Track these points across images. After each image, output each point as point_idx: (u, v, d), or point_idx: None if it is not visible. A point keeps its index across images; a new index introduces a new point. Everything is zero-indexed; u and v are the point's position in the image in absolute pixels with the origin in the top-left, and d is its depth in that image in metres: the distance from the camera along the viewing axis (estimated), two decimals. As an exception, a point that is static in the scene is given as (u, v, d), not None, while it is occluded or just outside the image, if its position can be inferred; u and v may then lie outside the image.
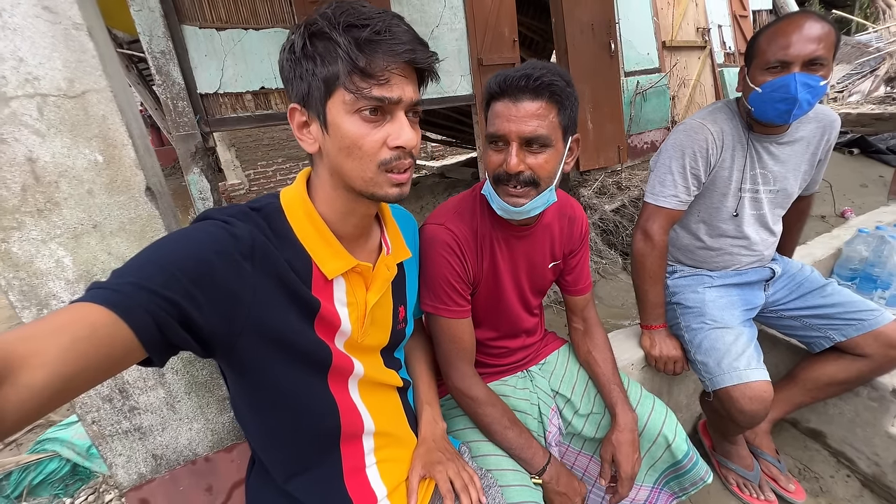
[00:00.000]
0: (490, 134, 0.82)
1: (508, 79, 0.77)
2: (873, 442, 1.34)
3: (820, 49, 1.00)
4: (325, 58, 0.53)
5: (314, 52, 0.53)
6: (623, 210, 3.49)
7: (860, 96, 6.29)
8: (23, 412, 0.36)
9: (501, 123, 0.78)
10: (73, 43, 0.59)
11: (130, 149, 0.65)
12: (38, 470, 1.13)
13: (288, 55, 0.56)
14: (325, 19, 0.53)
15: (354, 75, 0.53)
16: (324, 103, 0.55)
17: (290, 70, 0.56)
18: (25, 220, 0.62)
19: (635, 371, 1.34)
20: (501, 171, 0.81)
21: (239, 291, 0.53)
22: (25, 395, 0.36)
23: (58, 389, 0.38)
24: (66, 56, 0.59)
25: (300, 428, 0.66)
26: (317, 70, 0.53)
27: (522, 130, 0.77)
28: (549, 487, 0.90)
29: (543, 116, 0.77)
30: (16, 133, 0.58)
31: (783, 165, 1.24)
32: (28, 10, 0.56)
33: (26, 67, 0.57)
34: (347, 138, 0.55)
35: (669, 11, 4.18)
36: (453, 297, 0.90)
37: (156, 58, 2.27)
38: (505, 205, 0.84)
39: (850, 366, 1.25)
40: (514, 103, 0.77)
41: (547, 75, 0.75)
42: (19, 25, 0.56)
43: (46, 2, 0.56)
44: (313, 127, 0.58)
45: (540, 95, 0.76)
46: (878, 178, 3.97)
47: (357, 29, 0.52)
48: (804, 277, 1.37)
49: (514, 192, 0.82)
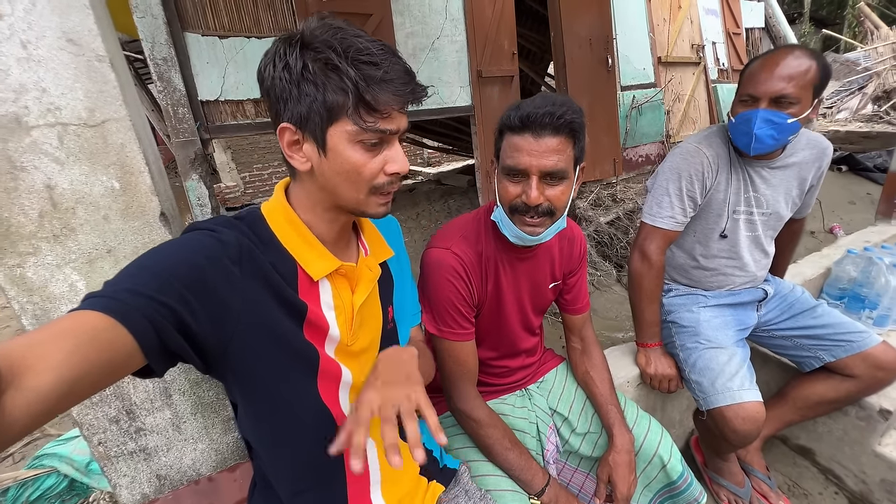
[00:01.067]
0: (509, 167, 0.83)
1: (532, 115, 0.78)
2: (860, 460, 1.37)
3: (788, 87, 1.04)
4: (329, 86, 0.54)
5: (316, 77, 0.54)
6: (618, 222, 3.53)
7: (849, 113, 6.44)
8: (30, 416, 0.37)
9: (522, 157, 0.80)
10: (96, 74, 0.60)
11: (147, 175, 0.66)
12: (35, 485, 1.12)
13: (282, 73, 0.55)
14: (328, 48, 0.53)
15: (362, 109, 0.55)
16: (324, 129, 0.56)
17: (283, 89, 0.55)
18: (41, 246, 0.62)
19: (631, 388, 1.37)
20: (519, 202, 0.83)
21: (229, 296, 0.54)
22: (32, 398, 0.37)
23: (62, 393, 0.39)
24: (88, 87, 0.60)
25: (300, 441, 0.67)
26: (318, 96, 0.54)
27: (544, 165, 0.79)
28: None
29: (562, 151, 0.80)
30: (35, 161, 0.59)
31: (774, 189, 1.28)
32: (53, 42, 0.57)
33: (49, 98, 0.58)
34: (349, 164, 0.57)
35: (665, 28, 4.26)
36: (458, 320, 0.92)
37: (158, 64, 2.27)
38: (521, 233, 0.86)
39: (839, 385, 1.28)
40: (535, 139, 0.79)
41: (568, 113, 0.78)
42: (44, 57, 0.57)
43: (71, 35, 0.57)
44: (306, 147, 0.58)
45: (560, 131, 0.79)
46: (866, 195, 4.06)
47: (367, 66, 0.54)
48: (795, 298, 1.41)
49: (531, 222, 0.84)
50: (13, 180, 0.59)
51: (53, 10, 0.56)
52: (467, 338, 0.93)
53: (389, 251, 0.78)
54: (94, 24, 0.59)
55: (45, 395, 0.37)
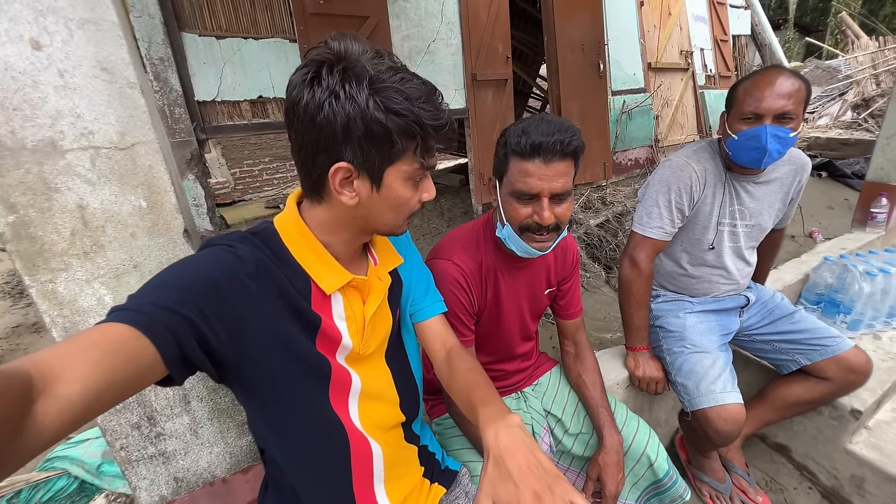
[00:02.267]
0: (519, 191, 0.87)
1: (544, 144, 0.82)
2: (833, 457, 1.46)
3: (790, 104, 1.11)
4: (399, 130, 0.57)
5: (388, 121, 0.55)
6: (607, 225, 3.62)
7: (829, 119, 6.64)
8: (60, 424, 0.39)
9: (535, 182, 0.84)
10: (127, 100, 0.63)
11: (172, 195, 0.70)
12: (46, 487, 1.13)
13: (350, 110, 0.54)
14: (397, 92, 0.55)
15: (427, 153, 0.61)
16: (383, 168, 0.60)
17: (351, 128, 0.55)
18: (72, 262, 0.65)
19: (620, 390, 1.43)
20: (531, 222, 0.89)
21: (245, 310, 0.56)
22: (63, 406, 0.38)
23: (90, 402, 0.40)
24: (120, 112, 0.63)
25: (311, 449, 0.69)
26: (385, 137, 0.57)
27: (554, 188, 0.85)
28: None
29: (569, 173, 0.86)
30: (69, 183, 0.62)
31: (759, 203, 1.35)
32: (88, 70, 0.60)
33: (83, 123, 0.61)
34: (400, 199, 0.63)
35: (655, 34, 4.35)
36: (459, 328, 0.97)
37: (154, 64, 2.26)
38: (531, 249, 0.92)
39: (815, 387, 1.36)
40: (546, 164, 0.83)
41: (575, 139, 0.83)
42: (79, 85, 0.60)
43: (105, 63, 0.60)
44: (358, 183, 0.60)
45: (568, 156, 0.84)
46: (844, 200, 4.22)
47: (431, 113, 0.58)
48: (775, 304, 1.49)
49: (541, 238, 0.90)
50: (47, 201, 0.62)
51: (89, 40, 0.59)
52: (467, 344, 0.99)
53: (399, 258, 0.81)
54: (127, 53, 0.62)
55: (73, 404, 0.39)
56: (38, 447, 0.38)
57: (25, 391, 0.37)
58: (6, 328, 3.07)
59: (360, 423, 0.73)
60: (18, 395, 0.36)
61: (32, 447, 0.38)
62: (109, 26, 0.60)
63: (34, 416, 0.37)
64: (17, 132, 0.57)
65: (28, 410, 0.37)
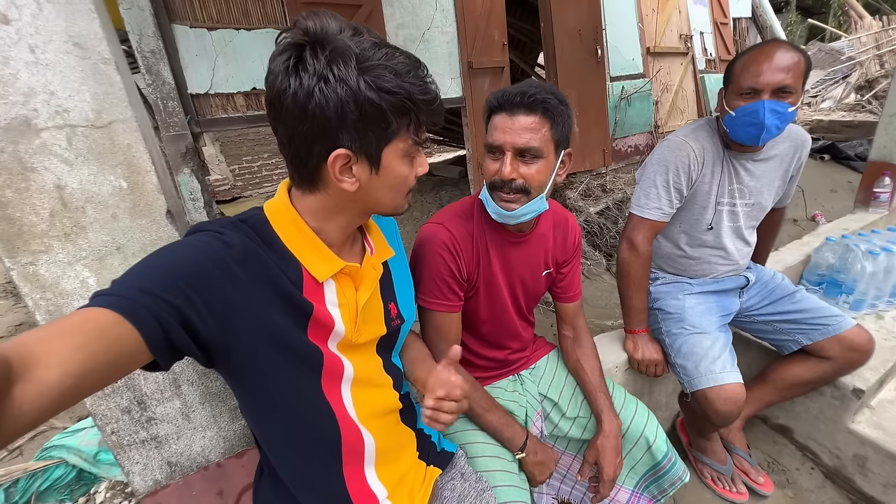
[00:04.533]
0: (488, 144, 0.89)
1: (507, 95, 0.85)
2: (835, 437, 1.45)
3: (788, 78, 1.08)
4: (392, 108, 0.55)
5: (381, 100, 0.54)
6: (607, 212, 3.59)
7: (832, 102, 6.55)
8: (39, 409, 0.38)
9: (498, 135, 0.86)
10: (102, 77, 0.62)
11: (153, 175, 0.68)
12: (44, 476, 1.14)
13: (342, 95, 0.53)
14: (386, 69, 0.54)
15: (419, 128, 0.61)
16: (381, 148, 0.59)
17: (345, 112, 0.53)
18: (53, 244, 0.65)
19: (619, 373, 1.42)
20: (497, 178, 0.89)
21: (233, 296, 0.55)
22: (43, 390, 0.38)
23: (71, 387, 0.40)
24: (95, 89, 0.62)
25: (301, 436, 0.69)
26: (381, 117, 0.55)
27: (516, 142, 0.85)
28: (528, 460, 0.99)
29: (536, 130, 0.84)
30: (45, 162, 0.61)
31: (758, 181, 1.33)
32: (59, 46, 0.58)
33: (57, 100, 0.60)
34: (400, 177, 0.63)
35: (654, 18, 4.28)
36: (444, 291, 0.95)
37: (145, 57, 2.24)
38: (498, 209, 0.91)
39: (816, 367, 1.35)
40: (510, 117, 0.85)
41: (541, 93, 0.83)
42: (51, 61, 0.58)
43: (77, 38, 0.59)
44: (357, 168, 0.59)
45: (534, 111, 0.84)
46: (847, 183, 4.17)
47: (421, 87, 0.57)
48: (776, 285, 1.47)
49: (506, 197, 0.89)
50: (24, 181, 0.61)
51: (59, 14, 0.58)
52: (453, 309, 0.98)
53: (391, 251, 0.80)
54: (100, 27, 0.60)
55: (53, 389, 0.39)
56: (16, 431, 0.38)
57: (3, 375, 0.36)
58: (9, 326, 3.09)
59: (354, 412, 0.72)
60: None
61: (10, 431, 0.37)
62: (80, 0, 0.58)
63: (12, 400, 0.37)
64: (-11, 110, 0.56)
65: (6, 394, 0.36)
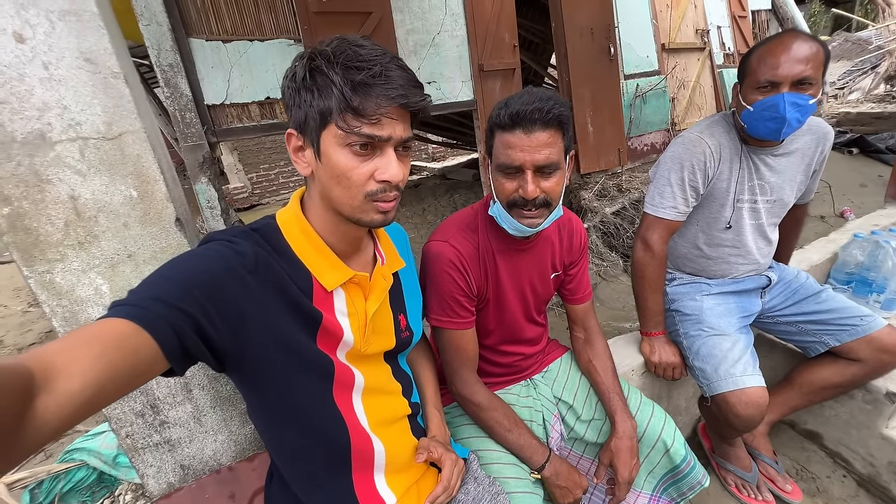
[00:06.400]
0: (504, 164, 0.85)
1: (522, 112, 0.80)
2: (868, 443, 1.38)
3: (808, 69, 1.04)
4: (322, 92, 0.56)
5: (312, 84, 0.56)
6: (623, 212, 3.52)
7: (861, 94, 6.29)
8: (61, 418, 0.39)
9: (516, 154, 0.82)
10: (112, 90, 0.64)
11: (162, 184, 0.70)
12: (67, 478, 1.18)
13: (289, 83, 0.59)
14: (324, 56, 0.56)
15: (347, 114, 0.56)
16: (318, 133, 0.58)
17: (290, 97, 0.59)
18: (68, 253, 0.67)
19: (635, 377, 1.39)
20: (517, 196, 0.86)
21: (245, 305, 0.56)
22: (63, 401, 0.39)
23: (91, 396, 0.41)
24: (105, 102, 0.64)
25: (311, 443, 0.69)
26: (313, 102, 0.57)
27: (537, 159, 0.82)
28: (550, 482, 0.96)
29: (553, 144, 0.82)
30: (60, 174, 0.64)
31: (779, 176, 1.28)
32: (71, 62, 0.61)
33: (69, 114, 0.62)
34: (337, 169, 0.59)
35: (668, 14, 4.20)
36: (457, 310, 0.95)
37: (164, 71, 2.32)
38: (520, 226, 0.89)
39: (845, 370, 1.29)
40: (527, 135, 0.81)
41: (556, 107, 0.80)
42: (63, 77, 0.61)
43: (88, 54, 0.61)
44: (307, 152, 0.61)
45: (550, 125, 0.81)
46: (878, 177, 3.99)
47: (353, 71, 0.55)
48: (800, 284, 1.41)
49: (529, 214, 0.87)
50: (40, 192, 0.64)
51: (71, 31, 0.60)
52: (467, 326, 0.97)
53: (401, 262, 0.80)
54: (109, 43, 0.63)
55: (73, 398, 0.39)
56: (39, 442, 0.38)
57: (26, 387, 0.37)
58: (40, 333, 3.23)
59: (366, 421, 0.72)
60: (19, 391, 0.36)
61: (33, 441, 0.38)
62: (90, 17, 0.60)
63: (35, 411, 0.37)
64: (6, 125, 0.59)
65: (29, 405, 0.37)
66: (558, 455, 1.03)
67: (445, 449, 0.83)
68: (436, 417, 0.91)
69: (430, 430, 0.88)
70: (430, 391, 0.95)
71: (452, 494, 0.81)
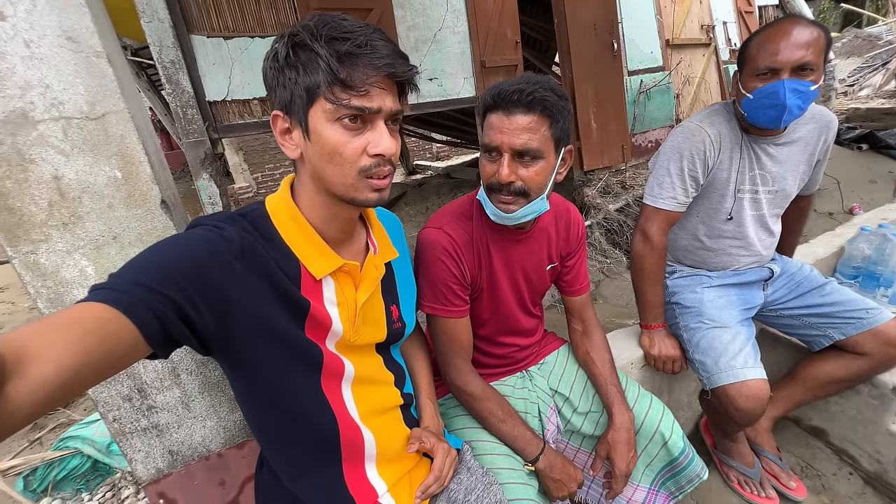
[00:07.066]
0: (484, 144, 0.85)
1: (503, 93, 0.79)
2: (875, 440, 1.35)
3: (809, 55, 1.02)
4: (307, 67, 0.54)
5: (296, 61, 0.55)
6: (627, 209, 3.50)
7: (871, 90, 6.19)
8: (33, 404, 0.38)
9: (495, 135, 0.81)
10: (94, 69, 0.64)
11: (147, 165, 0.70)
12: (61, 466, 1.19)
13: (271, 63, 0.57)
14: (307, 31, 0.55)
15: (335, 86, 0.55)
16: (306, 111, 0.57)
17: (273, 78, 0.58)
18: (52, 234, 0.67)
19: (635, 370, 1.37)
20: (494, 180, 0.84)
21: (230, 291, 0.55)
22: (35, 386, 0.38)
23: (66, 381, 0.40)
24: (88, 81, 0.64)
25: (299, 432, 0.68)
26: (299, 79, 0.55)
27: (514, 143, 0.80)
28: (544, 474, 0.94)
29: (535, 130, 0.80)
30: (43, 153, 0.63)
31: (781, 166, 1.25)
32: (53, 40, 0.61)
33: (52, 93, 0.62)
34: (329, 145, 0.57)
35: (673, 9, 4.16)
36: (450, 297, 0.93)
37: (165, 67, 2.33)
38: (497, 211, 0.87)
39: (850, 364, 1.26)
40: (507, 116, 0.80)
41: (539, 90, 0.78)
42: (45, 55, 0.61)
43: (70, 33, 0.61)
44: (295, 133, 0.59)
45: (532, 109, 0.79)
46: (888, 173, 3.92)
47: (338, 42, 0.54)
48: (803, 277, 1.38)
49: (504, 199, 0.85)
50: (23, 172, 0.63)
51: (52, 9, 0.60)
52: (461, 315, 0.95)
53: (394, 252, 0.79)
54: (91, 21, 0.63)
55: (48, 384, 0.38)
56: (11, 427, 0.38)
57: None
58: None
59: (355, 411, 0.71)
60: None
61: (5, 427, 0.37)
62: (72, -6, 0.60)
63: (5, 396, 0.36)
64: (-12, 103, 0.59)
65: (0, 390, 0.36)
66: (554, 448, 1.01)
67: (438, 439, 0.82)
68: (429, 408, 0.90)
69: (423, 420, 0.87)
70: (423, 382, 0.94)
71: (444, 484, 0.80)
